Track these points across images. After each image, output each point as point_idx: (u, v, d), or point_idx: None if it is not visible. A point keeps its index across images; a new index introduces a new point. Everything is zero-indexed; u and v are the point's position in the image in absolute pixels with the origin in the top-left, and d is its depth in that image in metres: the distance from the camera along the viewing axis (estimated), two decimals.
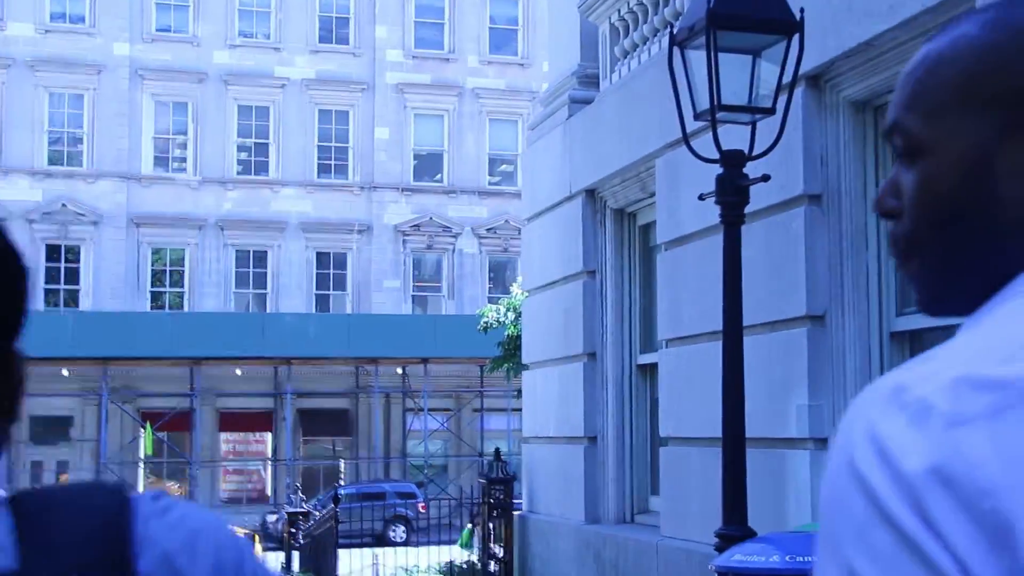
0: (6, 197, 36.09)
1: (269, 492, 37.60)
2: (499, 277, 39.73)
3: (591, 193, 10.26)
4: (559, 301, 10.76)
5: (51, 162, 37.32)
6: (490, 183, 40.13)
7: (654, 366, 9.55)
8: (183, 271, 37.94)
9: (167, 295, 37.89)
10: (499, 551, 11.29)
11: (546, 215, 11.20)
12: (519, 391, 12.57)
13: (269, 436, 38.39)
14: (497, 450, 11.90)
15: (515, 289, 18.83)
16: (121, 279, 36.86)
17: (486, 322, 18.29)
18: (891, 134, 1.08)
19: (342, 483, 34.86)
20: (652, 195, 9.34)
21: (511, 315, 17.21)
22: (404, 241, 39.17)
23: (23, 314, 1.13)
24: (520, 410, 39.60)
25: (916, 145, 1.05)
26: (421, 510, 28.54)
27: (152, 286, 37.59)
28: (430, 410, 36.21)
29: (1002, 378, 0.87)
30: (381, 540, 24.03)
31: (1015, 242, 0.99)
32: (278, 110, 38.74)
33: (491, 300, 39.26)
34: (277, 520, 29.28)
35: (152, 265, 37.62)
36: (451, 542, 16.06)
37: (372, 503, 25.79)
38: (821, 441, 6.60)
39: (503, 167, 40.42)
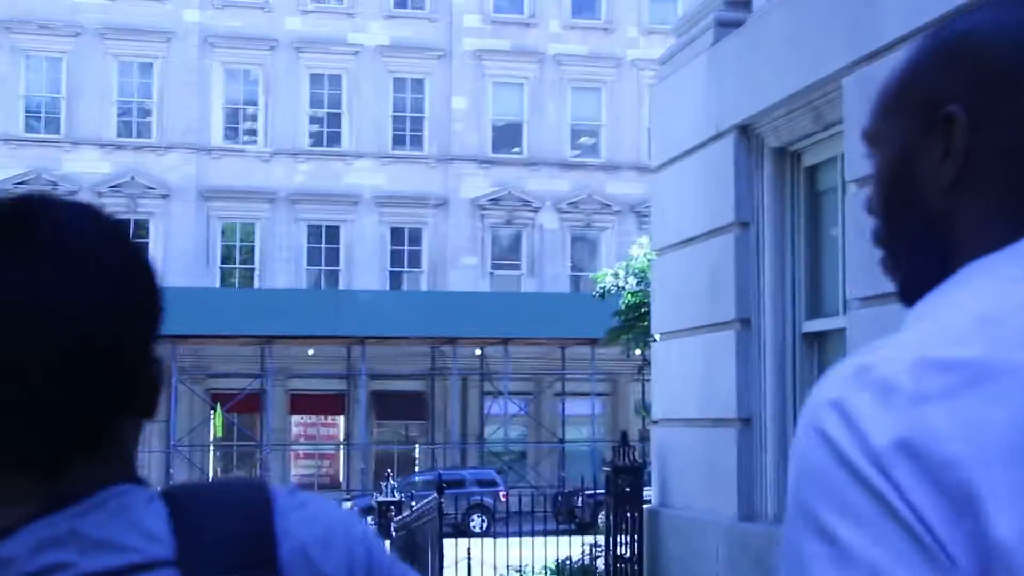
0: (75, 170, 35.08)
1: (342, 478, 36.30)
2: (581, 254, 38.09)
3: (744, 130, 8.67)
4: (703, 259, 9.16)
5: (120, 133, 36.23)
6: (572, 155, 38.43)
7: (823, 334, 8.03)
8: (253, 246, 36.67)
9: (237, 271, 36.66)
10: (626, 550, 9.75)
11: (683, 160, 9.60)
12: (642, 369, 10.99)
13: (342, 419, 37.09)
14: (624, 434, 10.34)
15: (635, 250, 16.93)
16: (191, 254, 35.66)
17: (602, 287, 16.53)
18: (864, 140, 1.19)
19: (417, 469, 33.52)
20: (828, 127, 7.75)
21: (632, 280, 15.46)
22: (482, 216, 37.61)
23: (160, 320, 1.22)
24: (605, 394, 37.74)
25: (870, 145, 1.16)
26: (502, 499, 27.06)
27: (222, 262, 36.39)
28: (509, 393, 34.70)
29: (956, 359, 0.94)
30: (460, 530, 22.57)
31: (942, 229, 1.08)
32: (351, 79, 37.29)
33: (573, 278, 37.77)
34: (352, 508, 28.00)
35: (222, 240, 36.41)
36: (533, 534, 14.56)
37: (451, 491, 24.34)
38: None
39: (585, 138, 38.69)
